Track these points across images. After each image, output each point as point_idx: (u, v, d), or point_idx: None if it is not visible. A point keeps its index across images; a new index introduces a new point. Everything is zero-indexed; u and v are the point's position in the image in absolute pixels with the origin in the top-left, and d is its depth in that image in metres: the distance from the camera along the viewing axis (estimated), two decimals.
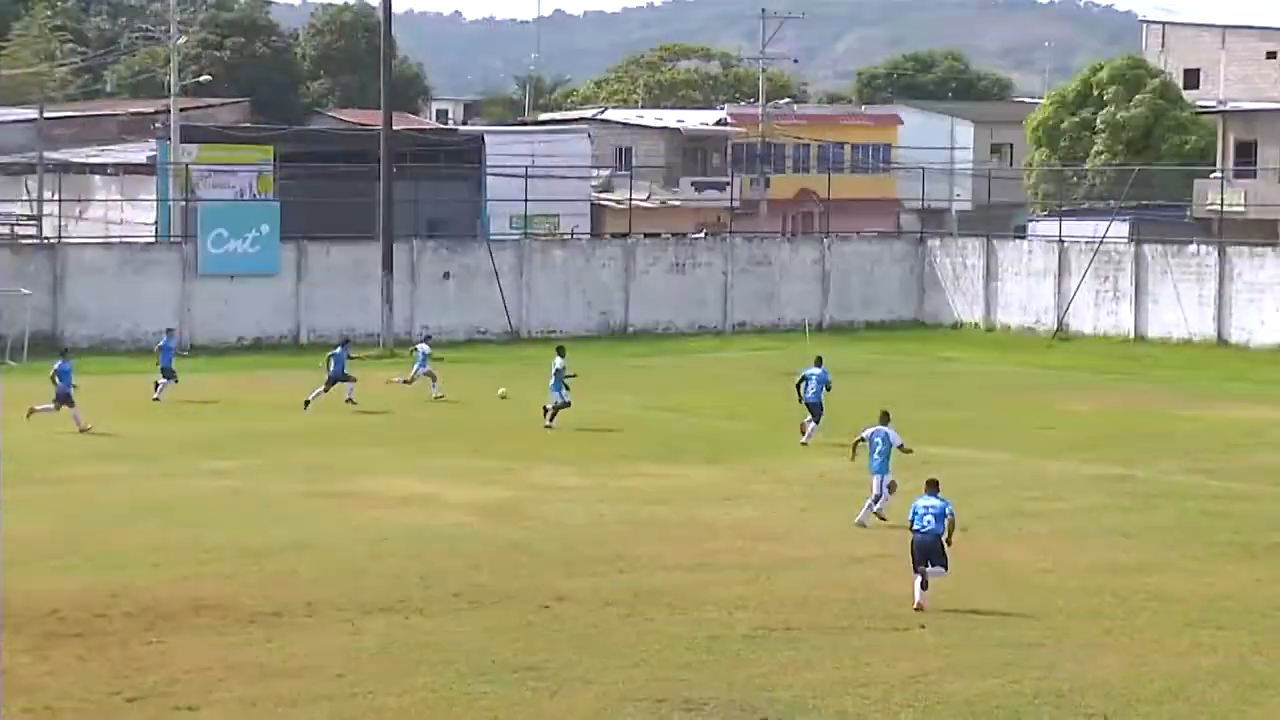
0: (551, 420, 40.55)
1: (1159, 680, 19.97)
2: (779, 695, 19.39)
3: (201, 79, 76.41)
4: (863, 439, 29.79)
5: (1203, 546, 27.31)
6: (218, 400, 45.73)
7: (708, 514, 30.31)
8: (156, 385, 45.22)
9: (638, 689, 19.66)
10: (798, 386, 38.72)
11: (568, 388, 40.99)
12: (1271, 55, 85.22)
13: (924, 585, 23.11)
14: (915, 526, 23.46)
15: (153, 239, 63.71)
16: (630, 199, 73.19)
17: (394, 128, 63.47)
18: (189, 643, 21.42)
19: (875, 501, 29.14)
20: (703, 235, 73.74)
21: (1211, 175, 72.85)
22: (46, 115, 73.73)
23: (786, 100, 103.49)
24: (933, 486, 23.93)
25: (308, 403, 43.57)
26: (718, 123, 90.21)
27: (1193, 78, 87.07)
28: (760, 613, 23.07)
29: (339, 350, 45.42)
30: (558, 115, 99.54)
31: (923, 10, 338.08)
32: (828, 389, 38.38)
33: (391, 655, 21.01)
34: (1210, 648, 21.35)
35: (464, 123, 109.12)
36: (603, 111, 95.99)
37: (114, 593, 23.76)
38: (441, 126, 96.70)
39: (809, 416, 38.07)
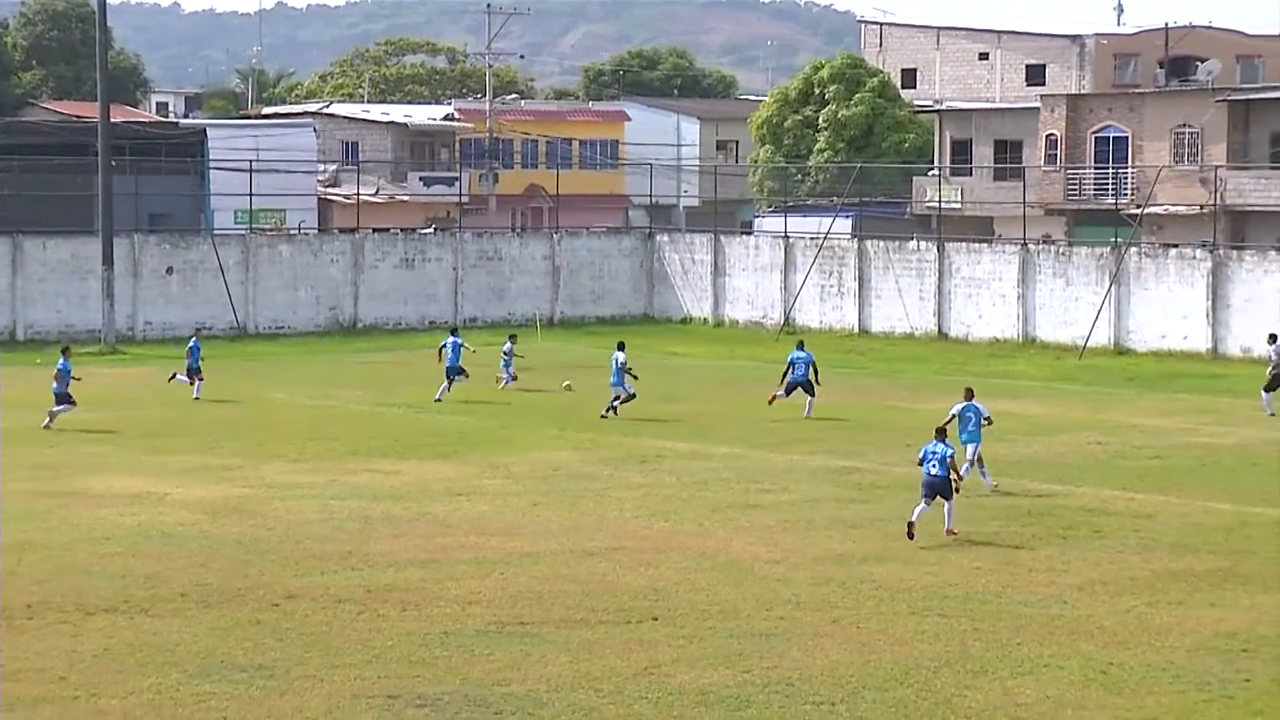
0: (615, 410, 41.57)
1: (884, 668, 20.36)
2: (513, 690, 19.39)
3: None
4: (954, 415, 31.70)
5: (925, 536, 27.89)
6: None
7: (440, 509, 30.21)
8: (194, 385, 45.48)
9: (370, 686, 19.53)
10: (786, 371, 42.44)
11: (636, 377, 42.49)
12: (984, 56, 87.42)
13: (944, 511, 27.46)
14: (925, 470, 27.55)
15: None
16: (358, 194, 72.64)
17: (112, 120, 62.12)
18: None
19: (973, 464, 31.63)
20: (432, 230, 73.44)
21: (929, 173, 74.68)
22: None
23: (514, 96, 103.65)
24: (940, 434, 28.13)
25: (439, 399, 44.60)
26: (445, 118, 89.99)
27: (910, 77, 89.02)
28: (493, 608, 23.06)
29: (452, 340, 45.75)
30: (282, 109, 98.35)
31: (647, 7, 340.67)
32: (814, 369, 42.31)
33: (115, 656, 20.58)
34: (933, 635, 21.84)
35: (185, 115, 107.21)
36: (328, 106, 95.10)
37: None
38: (162, 119, 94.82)
39: (781, 389, 42.05)
